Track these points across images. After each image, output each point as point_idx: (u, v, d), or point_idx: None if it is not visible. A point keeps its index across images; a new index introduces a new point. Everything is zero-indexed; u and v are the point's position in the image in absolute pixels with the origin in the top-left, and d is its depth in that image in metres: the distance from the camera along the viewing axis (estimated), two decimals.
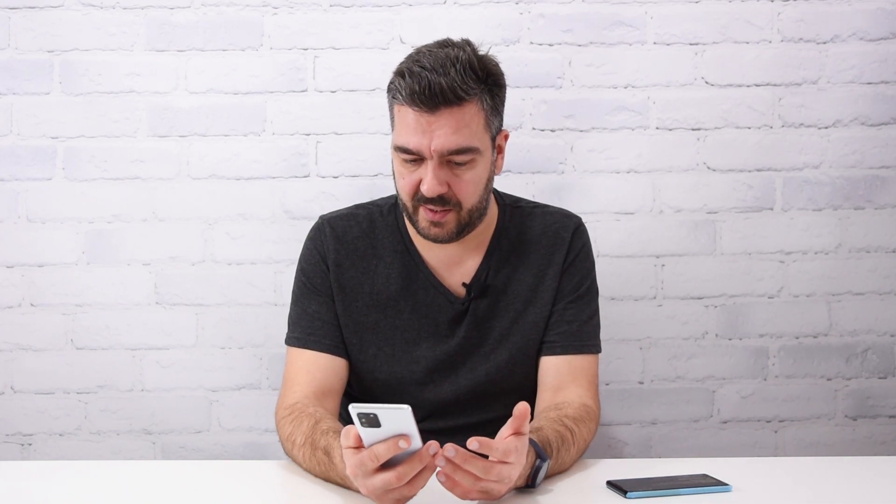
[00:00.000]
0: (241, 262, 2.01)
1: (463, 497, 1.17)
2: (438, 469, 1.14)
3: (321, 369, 1.51)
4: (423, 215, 1.45)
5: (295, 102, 2.01)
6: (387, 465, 1.13)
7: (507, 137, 1.54)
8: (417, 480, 1.14)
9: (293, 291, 1.59)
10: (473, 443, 1.12)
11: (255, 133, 2.01)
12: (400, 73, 1.42)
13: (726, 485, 1.27)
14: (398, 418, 1.09)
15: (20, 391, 2.02)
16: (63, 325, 2.01)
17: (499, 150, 1.52)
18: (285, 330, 1.58)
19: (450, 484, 1.16)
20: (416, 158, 1.42)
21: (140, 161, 2.01)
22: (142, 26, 2.00)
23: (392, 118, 1.48)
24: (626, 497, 1.23)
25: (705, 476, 1.30)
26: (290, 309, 1.58)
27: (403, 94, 1.40)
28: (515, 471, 1.18)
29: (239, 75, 2.00)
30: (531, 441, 1.26)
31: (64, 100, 2.00)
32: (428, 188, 1.41)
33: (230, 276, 2.01)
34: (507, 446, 1.15)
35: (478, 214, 1.49)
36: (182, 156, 2.01)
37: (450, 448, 1.12)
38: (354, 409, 1.10)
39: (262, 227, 2.01)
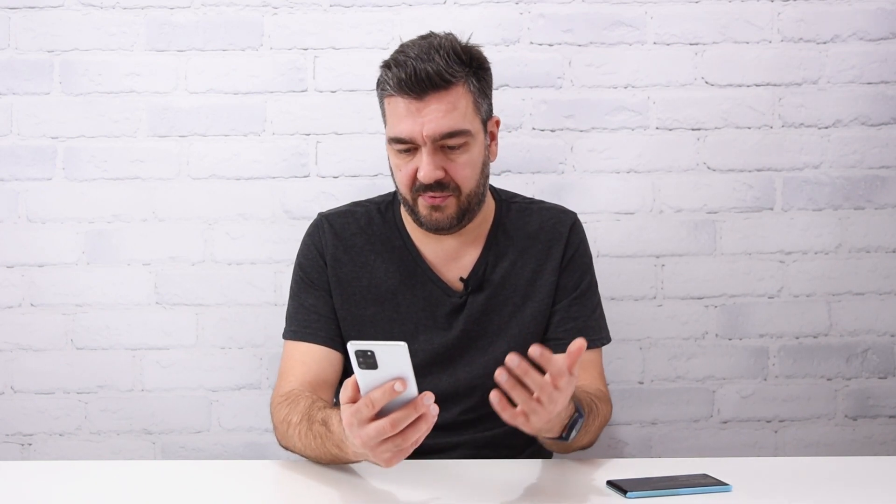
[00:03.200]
0: (241, 262, 2.01)
1: (510, 419, 1.16)
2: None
3: (316, 361, 1.52)
4: (423, 203, 1.47)
5: (295, 102, 2.01)
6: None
7: (498, 124, 1.56)
8: (411, 431, 1.12)
9: (291, 286, 1.60)
10: (536, 349, 1.11)
11: (255, 133, 2.01)
12: (386, 65, 1.46)
13: (726, 485, 1.27)
14: (395, 355, 1.09)
15: (20, 391, 2.02)
16: (63, 325, 2.01)
17: (491, 136, 1.54)
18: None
19: (501, 406, 1.14)
20: (410, 147, 1.44)
21: (140, 161, 2.01)
22: (142, 26, 2.00)
23: (383, 114, 1.50)
24: (626, 497, 1.23)
25: (705, 476, 1.30)
26: (288, 304, 1.59)
27: (392, 83, 1.42)
28: (562, 400, 1.17)
29: (239, 75, 2.00)
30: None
31: (64, 100, 2.00)
32: (424, 174, 1.42)
33: (230, 276, 2.01)
34: (563, 367, 1.14)
35: (476, 201, 1.50)
36: (182, 156, 2.01)
37: (513, 357, 1.11)
38: (353, 346, 1.09)
39: (262, 227, 2.01)
